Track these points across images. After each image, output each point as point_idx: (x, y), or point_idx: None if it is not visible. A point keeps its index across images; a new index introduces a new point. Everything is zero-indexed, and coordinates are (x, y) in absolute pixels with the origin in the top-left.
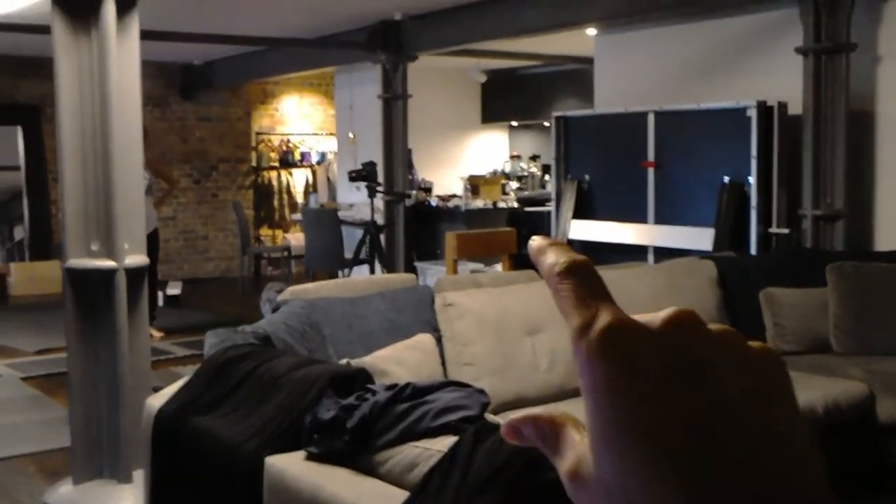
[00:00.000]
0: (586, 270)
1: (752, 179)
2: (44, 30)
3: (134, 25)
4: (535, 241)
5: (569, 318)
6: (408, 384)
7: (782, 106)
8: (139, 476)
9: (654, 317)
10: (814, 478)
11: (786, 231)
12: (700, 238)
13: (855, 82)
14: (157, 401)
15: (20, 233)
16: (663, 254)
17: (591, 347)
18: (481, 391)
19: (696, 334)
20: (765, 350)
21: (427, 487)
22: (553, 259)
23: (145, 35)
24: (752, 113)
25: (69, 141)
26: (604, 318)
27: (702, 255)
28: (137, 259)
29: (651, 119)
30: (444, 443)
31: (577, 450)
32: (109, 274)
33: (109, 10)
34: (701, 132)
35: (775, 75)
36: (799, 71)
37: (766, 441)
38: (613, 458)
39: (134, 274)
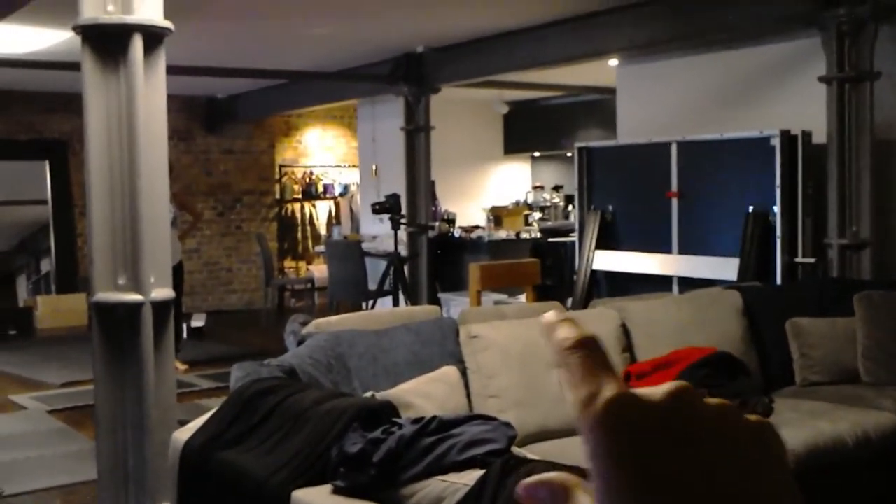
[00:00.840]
0: (594, 345)
1: (776, 209)
2: (72, 66)
3: (161, 61)
4: (547, 317)
5: (574, 390)
6: (434, 417)
7: (806, 135)
8: None
9: (655, 390)
10: None
11: (811, 260)
12: (725, 268)
13: (879, 111)
14: (183, 434)
15: (47, 266)
16: (688, 284)
17: (594, 417)
18: (507, 424)
19: (695, 407)
20: (760, 424)
21: None
22: (563, 334)
23: (171, 70)
24: (776, 142)
25: (97, 175)
26: (608, 390)
27: (727, 285)
28: (164, 292)
29: (674, 149)
30: (471, 476)
31: None
32: (136, 307)
33: (137, 46)
34: (725, 162)
35: (799, 104)
36: (823, 99)
37: None
38: None
39: (160, 307)
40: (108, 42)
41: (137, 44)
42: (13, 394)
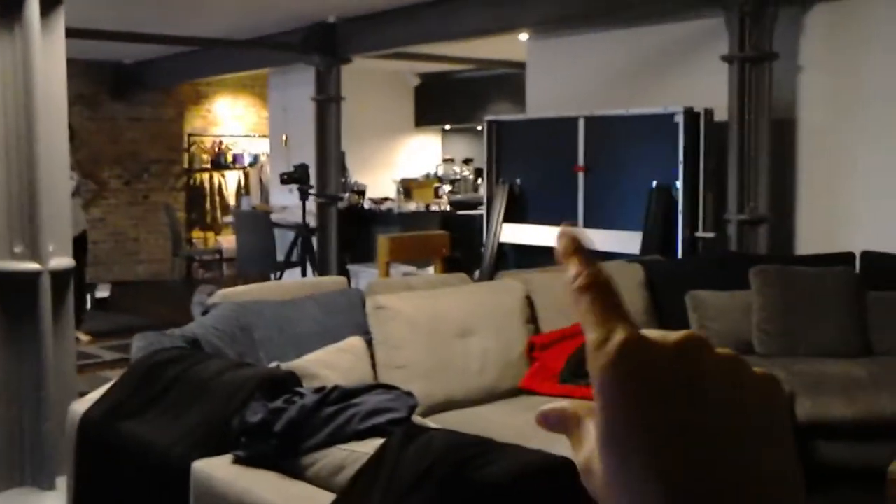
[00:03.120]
0: (606, 287)
1: (679, 184)
2: None
3: (59, 23)
4: (562, 241)
5: (586, 332)
6: (335, 387)
7: (708, 112)
8: (63, 483)
9: (666, 336)
10: None
11: (712, 235)
12: (629, 242)
13: (777, 90)
14: (81, 406)
15: None
16: (593, 257)
17: (605, 360)
18: (409, 393)
19: (703, 357)
20: (766, 376)
21: (354, 489)
22: (575, 271)
23: (72, 33)
24: (680, 119)
25: None
26: (620, 334)
27: (630, 258)
28: (63, 261)
29: (581, 124)
30: (372, 445)
31: (591, 445)
32: (34, 276)
33: (33, 7)
34: (630, 137)
35: (702, 82)
36: (724, 78)
37: (755, 471)
38: (613, 462)
39: (59, 276)
40: (0, 1)
41: (33, 3)
42: None
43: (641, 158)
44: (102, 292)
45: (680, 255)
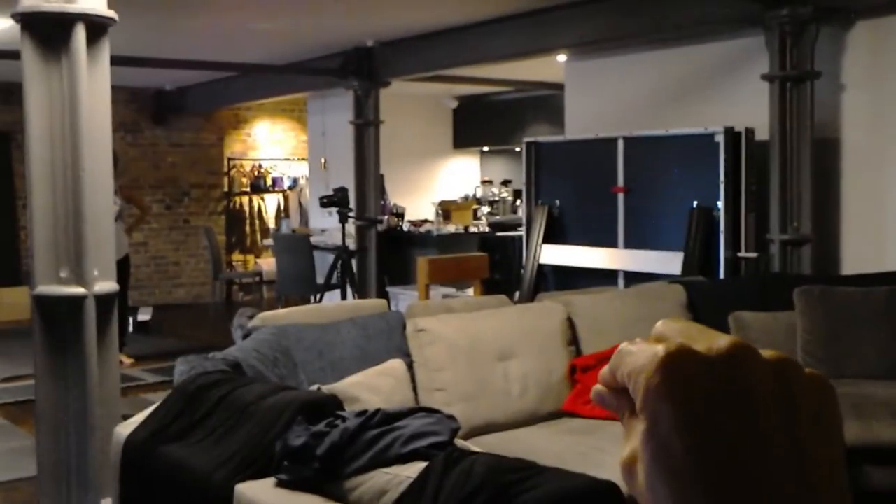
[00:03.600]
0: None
1: (720, 204)
2: (13, 55)
3: (105, 51)
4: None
5: (637, 355)
6: (377, 410)
7: (749, 132)
8: None
9: (711, 346)
10: None
11: (754, 255)
12: (669, 262)
13: (819, 109)
14: (126, 429)
15: None
16: (633, 278)
17: (649, 372)
18: (451, 417)
19: (751, 364)
20: (816, 377)
21: None
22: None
23: (116, 61)
24: (720, 139)
25: (38, 167)
26: (666, 345)
27: (671, 279)
28: (107, 286)
29: (621, 145)
30: (414, 469)
31: (633, 441)
32: (79, 301)
33: (80, 35)
34: (670, 158)
35: (742, 102)
36: (765, 97)
37: (803, 478)
38: (657, 474)
39: (104, 301)
40: (49, 31)
41: (80, 33)
42: None
43: (682, 179)
44: (144, 316)
45: (722, 275)
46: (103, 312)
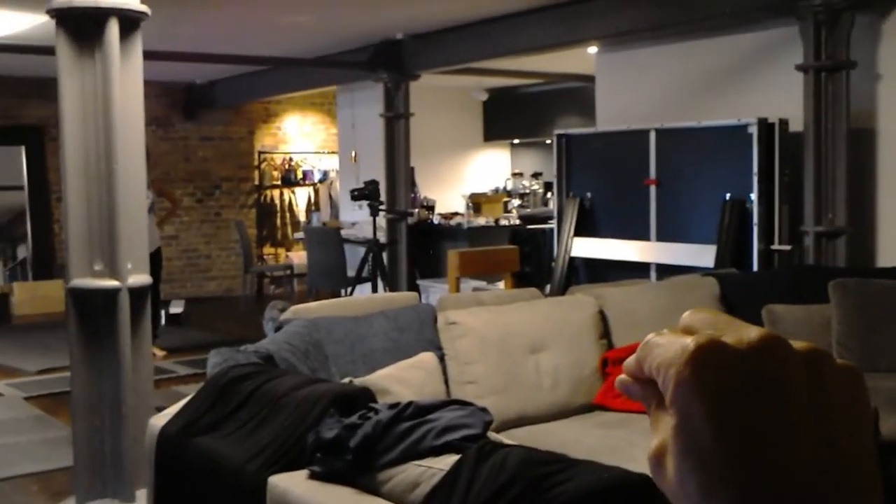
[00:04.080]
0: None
1: (753, 196)
2: (48, 51)
3: (137, 45)
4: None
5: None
6: (410, 403)
7: (783, 123)
8: (142, 495)
9: (742, 338)
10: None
11: (788, 248)
12: (702, 255)
13: (855, 100)
14: (159, 420)
15: (23, 252)
16: (665, 271)
17: (679, 365)
18: (483, 409)
19: (781, 356)
20: (847, 367)
21: None
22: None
23: (148, 55)
24: (754, 130)
25: (73, 161)
26: (696, 338)
27: (704, 272)
28: (140, 278)
29: (652, 137)
30: (447, 461)
31: (662, 431)
32: (113, 293)
33: (113, 30)
34: (702, 149)
35: (776, 92)
36: (799, 88)
37: (833, 468)
38: (686, 467)
39: (137, 293)
40: (83, 26)
41: (113, 28)
42: None
43: (714, 171)
44: (176, 308)
45: (755, 268)
46: (137, 305)
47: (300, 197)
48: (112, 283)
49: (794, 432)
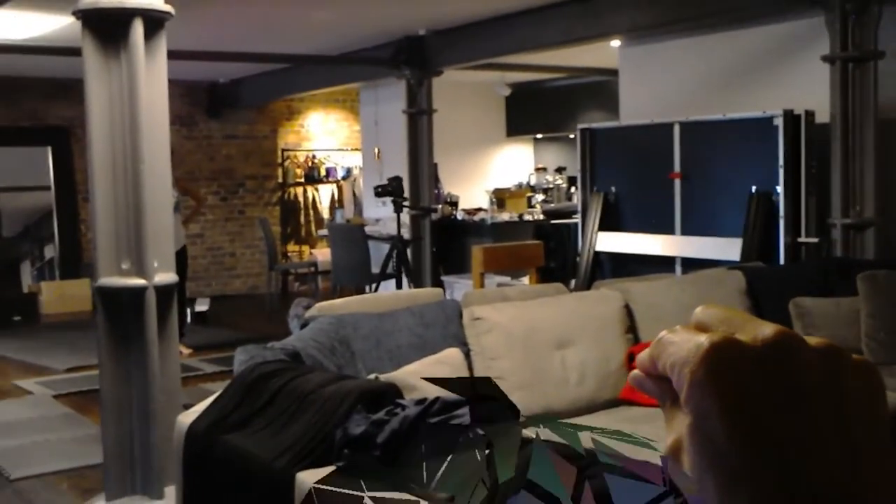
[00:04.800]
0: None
1: (780, 189)
2: (74, 52)
3: (162, 45)
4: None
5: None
6: (437, 398)
7: (809, 115)
8: (171, 492)
9: (756, 336)
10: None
11: (815, 240)
12: (728, 248)
13: (883, 90)
14: (187, 418)
15: (50, 252)
16: (691, 265)
17: (693, 363)
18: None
19: (796, 354)
20: (863, 364)
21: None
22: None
23: (172, 55)
24: (779, 122)
25: (100, 161)
26: (710, 336)
27: (730, 265)
28: (167, 277)
29: (677, 130)
30: None
31: (677, 427)
32: (140, 292)
33: (138, 30)
34: (728, 142)
35: (802, 84)
36: (826, 79)
37: (850, 466)
38: (702, 465)
39: (164, 291)
40: (108, 27)
41: (138, 28)
42: (19, 379)
43: (740, 163)
44: (201, 306)
45: (782, 261)
46: (164, 303)
47: (324, 194)
48: (139, 281)
49: (810, 431)
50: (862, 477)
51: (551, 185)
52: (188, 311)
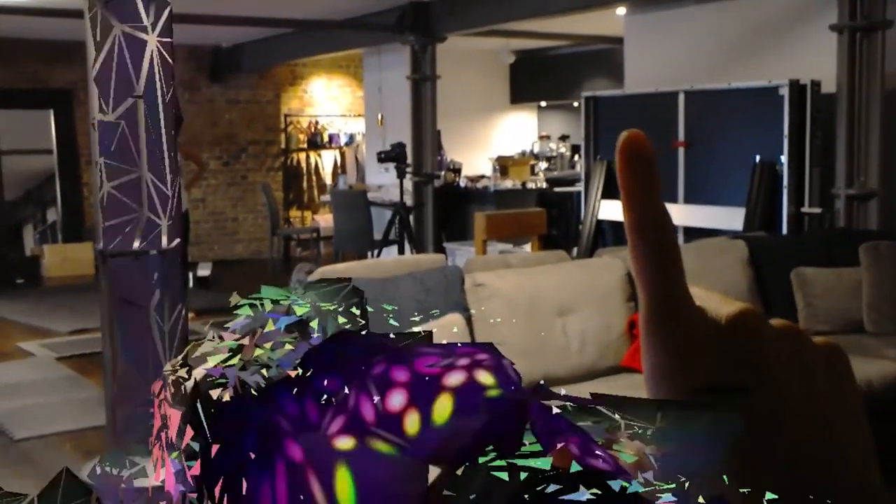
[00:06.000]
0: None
1: (784, 159)
2: (75, 14)
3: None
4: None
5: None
6: None
7: (815, 84)
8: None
9: (719, 310)
10: (867, 477)
11: (818, 210)
12: (731, 218)
13: (891, 60)
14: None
15: (53, 215)
16: (694, 234)
17: (645, 323)
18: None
19: (758, 335)
20: (828, 346)
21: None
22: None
23: (175, 18)
24: (785, 92)
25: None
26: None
27: (733, 235)
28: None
29: (682, 99)
30: None
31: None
32: (142, 255)
33: None
34: (732, 111)
35: (808, 53)
36: (833, 49)
37: (822, 443)
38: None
39: (168, 255)
40: None
41: None
42: (22, 341)
43: (744, 133)
44: (204, 271)
45: (785, 231)
46: (167, 267)
47: (326, 160)
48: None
49: (774, 403)
50: (833, 443)
51: (555, 154)
52: (190, 275)
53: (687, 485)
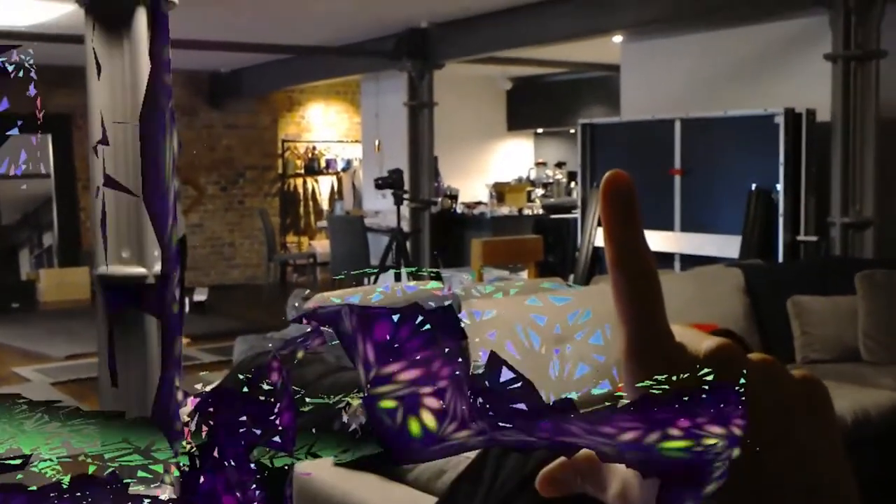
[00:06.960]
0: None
1: (780, 187)
2: (76, 40)
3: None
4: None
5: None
6: None
7: (810, 113)
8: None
9: (699, 346)
10: None
11: (814, 239)
12: (727, 246)
13: (885, 89)
14: (187, 407)
15: (49, 239)
16: (690, 261)
17: (627, 357)
18: None
19: (736, 369)
20: (805, 379)
21: (455, 494)
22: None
23: (174, 44)
24: (780, 120)
25: (100, 149)
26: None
27: (729, 262)
28: None
29: (678, 126)
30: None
31: (620, 474)
32: (140, 280)
33: (141, 19)
34: (728, 139)
35: (803, 82)
36: (828, 78)
37: (801, 478)
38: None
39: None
40: (112, 14)
41: (141, 16)
42: (17, 366)
43: (740, 161)
44: (200, 296)
45: (781, 259)
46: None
47: (323, 186)
48: (139, 269)
49: (753, 434)
50: (814, 482)
51: (551, 180)
52: (187, 300)
53: None
